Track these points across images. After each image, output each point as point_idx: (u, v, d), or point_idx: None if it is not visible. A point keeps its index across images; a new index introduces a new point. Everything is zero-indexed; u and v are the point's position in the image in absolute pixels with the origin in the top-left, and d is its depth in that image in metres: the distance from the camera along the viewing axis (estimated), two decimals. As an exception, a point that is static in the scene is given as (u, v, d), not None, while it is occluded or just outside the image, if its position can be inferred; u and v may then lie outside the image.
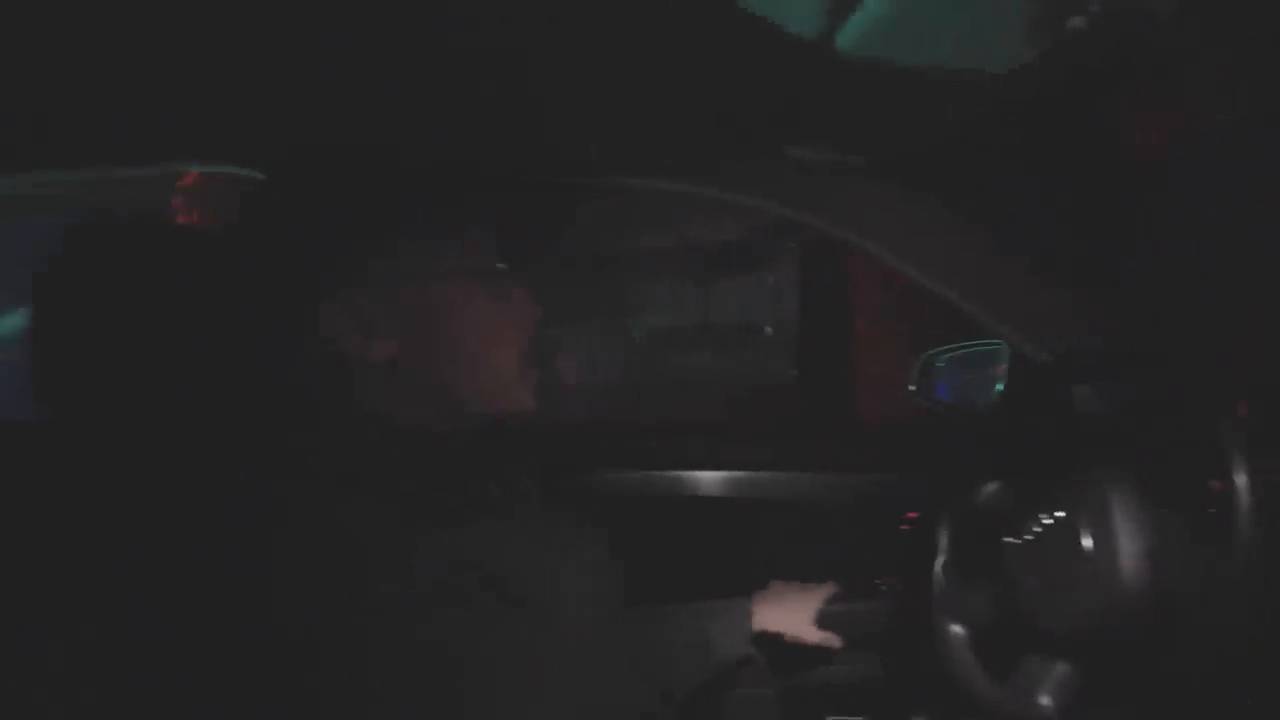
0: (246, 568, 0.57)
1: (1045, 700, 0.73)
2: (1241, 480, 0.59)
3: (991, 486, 0.88)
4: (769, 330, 3.10)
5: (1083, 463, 0.73)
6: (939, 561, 0.91)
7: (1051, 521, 0.73)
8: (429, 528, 0.61)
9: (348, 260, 0.65)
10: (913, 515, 1.22)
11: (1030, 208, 0.92)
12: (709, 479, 1.27)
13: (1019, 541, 0.77)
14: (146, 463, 0.69)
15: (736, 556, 1.21)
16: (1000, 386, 1.03)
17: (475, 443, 0.71)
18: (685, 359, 3.25)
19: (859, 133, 0.77)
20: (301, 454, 0.62)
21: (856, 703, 1.17)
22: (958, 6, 0.54)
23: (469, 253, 0.69)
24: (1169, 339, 0.87)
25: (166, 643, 0.58)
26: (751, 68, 0.64)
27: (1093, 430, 0.78)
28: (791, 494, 1.26)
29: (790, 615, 1.03)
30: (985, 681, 0.81)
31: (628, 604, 0.82)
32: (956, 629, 0.86)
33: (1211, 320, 0.84)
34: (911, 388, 1.22)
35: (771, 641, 1.02)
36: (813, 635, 1.03)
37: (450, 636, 0.59)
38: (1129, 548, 0.67)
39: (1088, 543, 0.69)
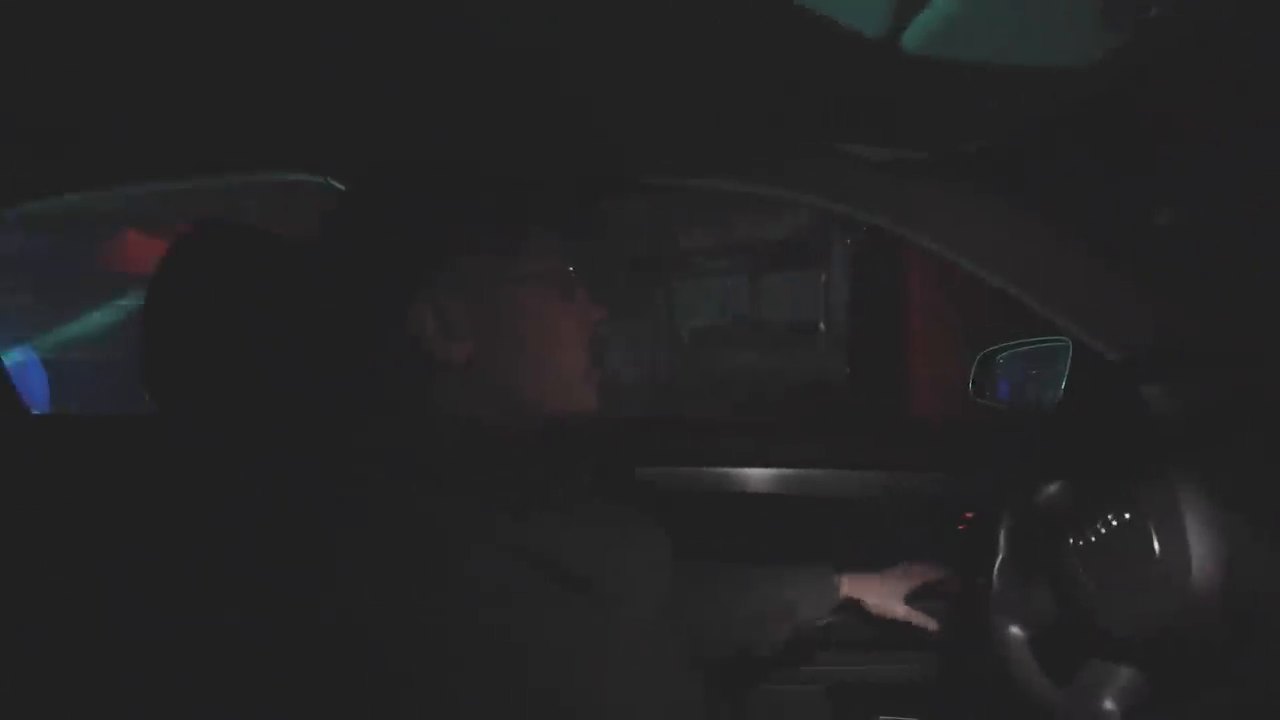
0: (333, 558, 0.60)
1: (1110, 704, 0.71)
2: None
3: (1053, 486, 0.87)
4: (822, 328, 3.07)
5: (1152, 463, 0.72)
6: (997, 561, 0.90)
7: (1118, 523, 0.72)
8: (495, 520, 0.63)
9: (429, 266, 0.68)
10: (969, 515, 1.20)
11: (1097, 202, 0.90)
12: (761, 476, 1.27)
13: (1083, 543, 0.76)
14: (240, 454, 0.73)
15: (789, 554, 1.21)
16: (1063, 385, 1.01)
17: (540, 440, 0.73)
18: (738, 357, 3.24)
19: (923, 129, 0.77)
20: (382, 450, 0.65)
21: (908, 703, 1.17)
22: (1027, 3, 0.53)
23: (538, 256, 0.71)
24: (1243, 337, 0.84)
25: (262, 630, 0.61)
26: (813, 67, 0.64)
27: (1163, 430, 0.77)
28: (844, 492, 1.25)
29: (844, 607, 1.05)
30: (1046, 684, 0.80)
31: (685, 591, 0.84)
32: (1015, 630, 0.84)
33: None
34: (969, 385, 1.21)
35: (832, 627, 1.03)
36: (865, 630, 1.04)
37: (516, 622, 0.61)
38: (1200, 550, 0.66)
39: (1157, 545, 0.68)
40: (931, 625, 1.08)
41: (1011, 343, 1.16)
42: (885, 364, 2.77)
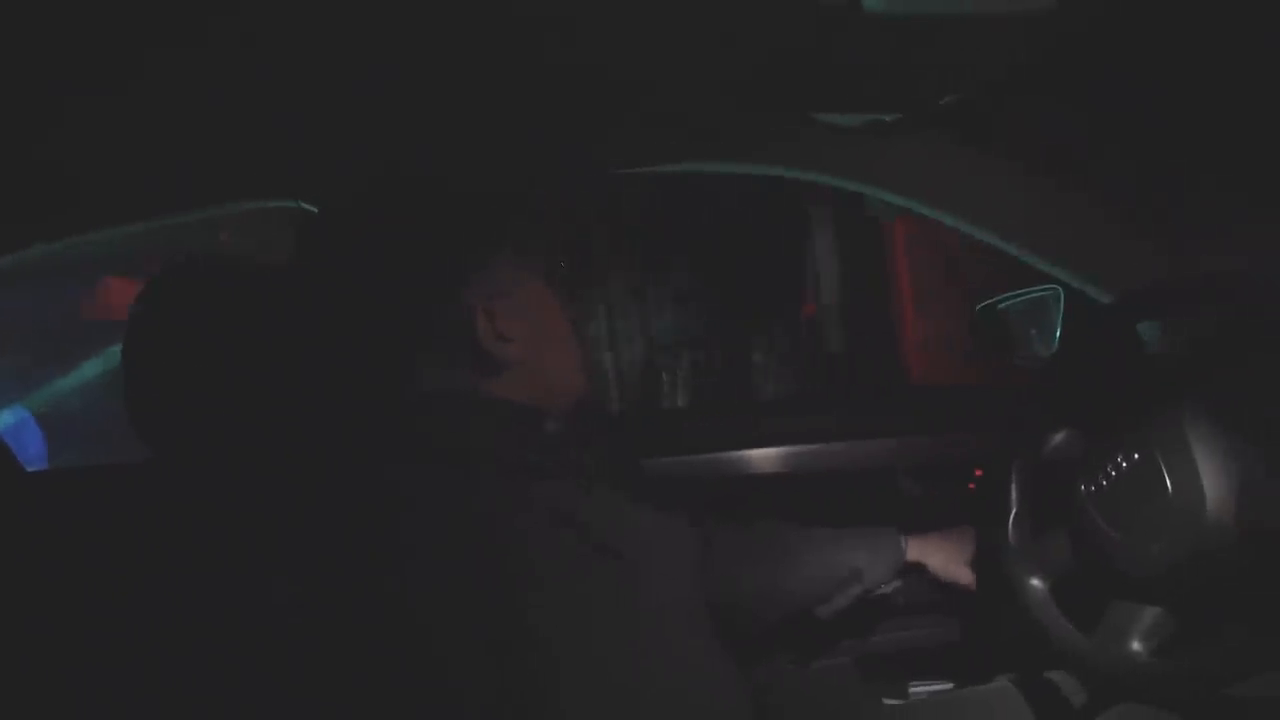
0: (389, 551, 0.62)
1: (1136, 645, 0.71)
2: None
3: (1060, 435, 0.86)
4: (819, 301, 3.06)
5: (1156, 401, 0.71)
6: (1011, 515, 0.90)
7: (1128, 465, 0.72)
8: (531, 486, 0.67)
9: (444, 272, 0.71)
10: (979, 472, 1.19)
11: (1077, 145, 0.89)
12: (769, 455, 1.26)
13: (1095, 488, 0.76)
14: (270, 470, 0.73)
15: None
16: (1057, 332, 1.01)
17: (562, 423, 0.77)
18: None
19: (892, 89, 0.76)
20: (417, 440, 0.68)
21: (937, 668, 1.16)
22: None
23: (534, 254, 0.76)
24: (1239, 265, 0.83)
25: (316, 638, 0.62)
26: (776, 37, 0.63)
27: (1163, 367, 0.76)
28: (851, 463, 1.24)
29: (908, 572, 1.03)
30: (1071, 632, 0.79)
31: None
32: (1035, 582, 0.84)
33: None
34: (971, 340, 1.20)
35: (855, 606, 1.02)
36: (929, 594, 1.03)
37: (548, 588, 0.64)
38: (1212, 483, 0.65)
39: (1169, 482, 0.67)
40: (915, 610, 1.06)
41: (1008, 294, 1.16)
42: (881, 331, 2.76)
